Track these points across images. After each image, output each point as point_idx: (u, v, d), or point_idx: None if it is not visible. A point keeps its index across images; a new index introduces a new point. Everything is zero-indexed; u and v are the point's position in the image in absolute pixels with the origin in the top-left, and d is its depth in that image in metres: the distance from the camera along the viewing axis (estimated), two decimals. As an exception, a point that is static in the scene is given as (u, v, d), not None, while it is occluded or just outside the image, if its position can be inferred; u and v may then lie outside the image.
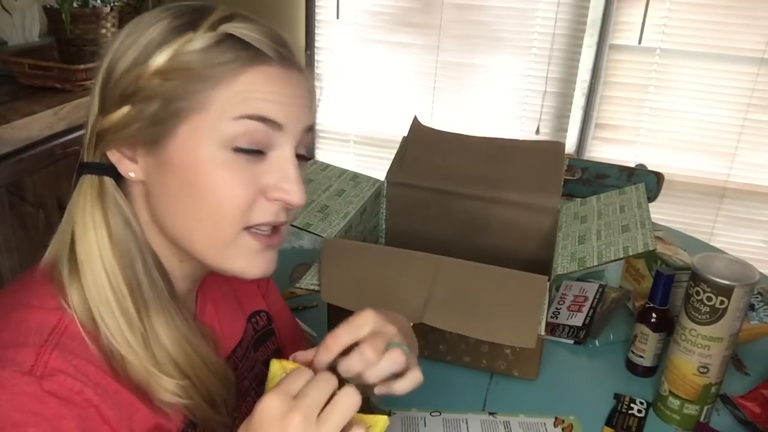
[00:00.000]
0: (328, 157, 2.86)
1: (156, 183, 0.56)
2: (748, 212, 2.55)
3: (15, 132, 1.58)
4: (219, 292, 0.72)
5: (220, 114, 0.53)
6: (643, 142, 2.57)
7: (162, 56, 0.53)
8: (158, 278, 0.58)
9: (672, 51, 2.43)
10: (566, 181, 1.23)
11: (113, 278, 0.55)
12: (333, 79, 2.86)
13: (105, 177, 0.57)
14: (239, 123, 0.54)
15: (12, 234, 1.61)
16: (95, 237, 0.55)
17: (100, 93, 0.56)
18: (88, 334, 0.53)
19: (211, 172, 0.54)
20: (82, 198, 0.56)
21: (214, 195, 0.55)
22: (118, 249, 0.56)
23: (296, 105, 0.57)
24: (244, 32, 0.54)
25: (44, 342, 0.51)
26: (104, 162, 0.57)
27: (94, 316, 0.54)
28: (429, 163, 1.14)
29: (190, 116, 0.54)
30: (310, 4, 2.73)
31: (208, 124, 0.53)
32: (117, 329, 0.54)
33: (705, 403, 0.88)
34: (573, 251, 0.92)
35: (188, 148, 0.54)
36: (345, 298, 0.88)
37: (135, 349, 0.54)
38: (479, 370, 0.99)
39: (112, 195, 0.57)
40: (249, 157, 0.55)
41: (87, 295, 0.54)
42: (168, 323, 0.57)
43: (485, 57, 2.65)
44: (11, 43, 2.04)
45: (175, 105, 0.53)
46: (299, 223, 0.96)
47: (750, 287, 0.81)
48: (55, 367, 0.50)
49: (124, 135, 0.55)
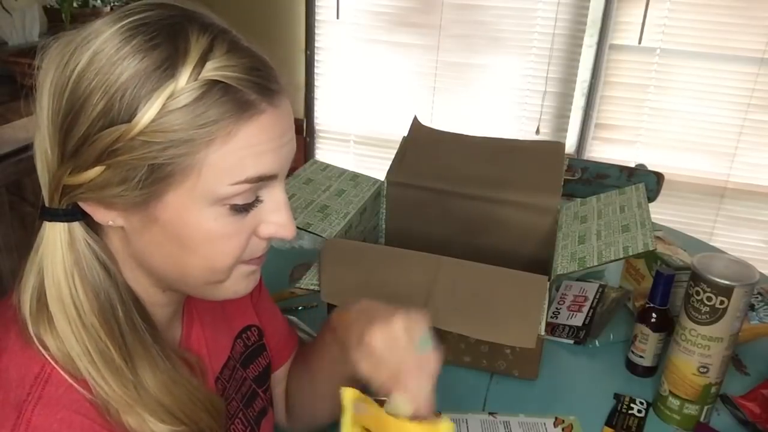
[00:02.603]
0: (328, 157, 2.86)
1: (140, 234, 0.52)
2: (748, 212, 2.55)
3: (15, 132, 1.58)
4: (207, 310, 0.69)
5: (215, 180, 0.49)
6: (643, 142, 2.58)
7: (145, 117, 0.46)
8: (139, 322, 0.55)
9: (672, 51, 2.43)
10: (566, 181, 1.23)
11: (94, 333, 0.51)
12: (333, 79, 2.86)
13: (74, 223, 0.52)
14: (236, 187, 0.50)
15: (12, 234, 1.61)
16: (69, 291, 0.51)
17: (60, 139, 0.49)
18: (73, 380, 0.50)
19: (204, 230, 0.51)
20: (51, 247, 0.51)
21: (209, 251, 0.52)
22: (97, 302, 0.52)
23: (286, 144, 0.53)
24: (228, 74, 0.48)
25: (27, 396, 0.49)
26: (71, 209, 0.51)
27: (77, 366, 0.51)
28: (429, 163, 1.14)
29: (180, 180, 0.48)
30: (310, 4, 2.73)
31: (200, 188, 0.49)
32: (104, 381, 0.51)
33: (705, 403, 0.88)
34: (573, 251, 0.92)
35: (178, 209, 0.50)
36: (345, 298, 0.88)
37: (126, 399, 0.51)
38: (479, 370, 0.99)
39: (83, 242, 0.52)
40: (243, 209, 0.52)
41: (67, 346, 0.51)
42: (152, 368, 0.54)
43: (485, 57, 2.65)
44: (11, 43, 2.04)
45: (162, 170, 0.48)
46: (299, 224, 0.95)
47: (750, 287, 0.81)
48: (38, 425, 0.48)
49: (102, 195, 0.49)
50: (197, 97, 0.47)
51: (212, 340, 0.69)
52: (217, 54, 0.48)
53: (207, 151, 0.48)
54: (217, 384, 0.68)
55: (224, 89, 0.48)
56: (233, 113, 0.48)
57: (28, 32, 2.07)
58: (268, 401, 0.77)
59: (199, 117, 0.47)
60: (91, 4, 1.89)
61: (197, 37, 0.48)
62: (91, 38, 0.48)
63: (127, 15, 0.49)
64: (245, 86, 0.48)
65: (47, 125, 0.49)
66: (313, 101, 2.91)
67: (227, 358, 0.71)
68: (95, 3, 1.91)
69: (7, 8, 1.96)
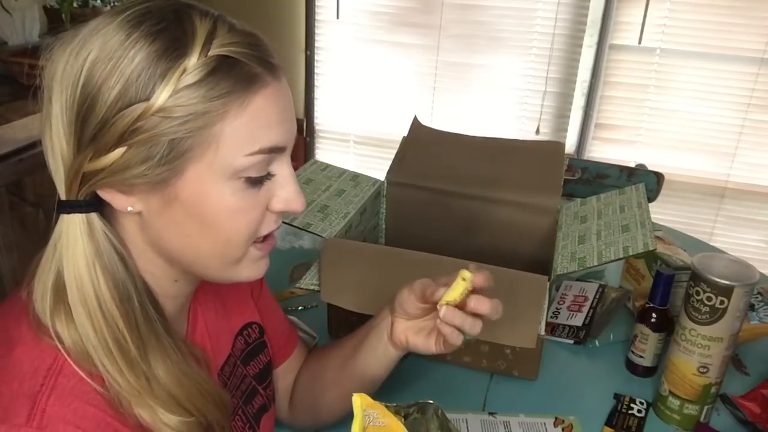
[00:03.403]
0: (328, 157, 2.86)
1: (159, 216, 0.54)
2: (748, 212, 2.55)
3: (15, 132, 1.58)
4: (210, 307, 0.71)
5: (232, 151, 0.51)
6: (643, 142, 2.58)
7: (163, 93, 0.49)
8: (153, 313, 0.56)
9: (672, 51, 2.43)
10: (566, 181, 1.23)
11: (113, 323, 0.53)
12: (333, 79, 2.86)
13: (92, 213, 0.53)
14: (250, 158, 0.52)
15: (12, 234, 1.61)
16: (91, 283, 0.52)
17: (77, 128, 0.50)
18: (86, 373, 0.52)
19: (224, 205, 0.53)
20: (71, 239, 0.52)
21: (228, 225, 0.54)
22: (117, 292, 0.53)
23: (290, 119, 0.56)
24: (234, 50, 0.51)
25: (40, 387, 0.50)
26: (89, 199, 0.53)
27: (91, 358, 0.52)
28: (429, 163, 1.14)
29: (200, 154, 0.51)
30: (310, 4, 2.73)
31: (219, 161, 0.52)
32: (119, 373, 0.52)
33: (705, 403, 0.88)
34: (573, 251, 0.92)
35: (198, 184, 0.52)
36: (345, 298, 0.88)
37: (138, 391, 0.53)
38: (479, 370, 0.99)
39: (102, 232, 0.53)
40: (257, 182, 0.55)
41: (83, 338, 0.52)
42: (164, 360, 0.55)
43: (485, 57, 2.65)
44: (11, 43, 2.04)
45: (182, 145, 0.50)
46: (299, 223, 0.95)
47: (750, 287, 0.81)
48: (53, 414, 0.49)
49: (124, 177, 0.51)
50: (209, 71, 0.50)
51: (215, 337, 0.70)
52: (220, 33, 0.51)
53: (222, 123, 0.51)
54: (219, 380, 0.69)
55: (232, 63, 0.51)
56: (243, 85, 0.51)
57: (28, 32, 2.07)
58: (268, 398, 0.78)
59: (213, 90, 0.50)
60: (91, 4, 1.89)
61: (200, 20, 0.51)
62: (99, 29, 0.50)
63: (129, 7, 0.51)
64: (250, 60, 0.52)
65: (60, 118, 0.51)
66: (313, 101, 2.91)
67: (228, 354, 0.72)
68: (95, 3, 1.91)
69: (7, 8, 1.96)
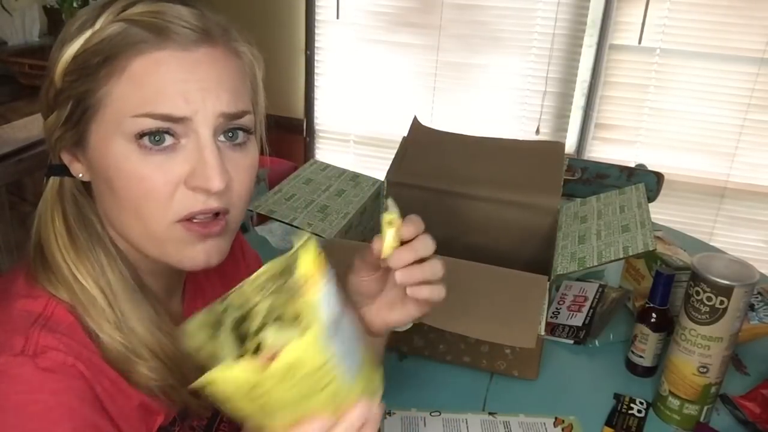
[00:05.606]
0: (328, 157, 2.86)
1: (93, 183, 0.58)
2: (748, 212, 2.54)
3: (15, 132, 1.58)
4: (208, 285, 0.72)
5: (120, 111, 0.53)
6: (643, 142, 2.57)
7: (65, 55, 0.53)
8: (124, 270, 0.58)
9: (672, 51, 2.43)
10: (566, 181, 1.23)
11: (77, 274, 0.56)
12: (333, 79, 2.86)
13: (66, 177, 0.58)
14: (140, 120, 0.52)
15: (12, 234, 1.61)
16: (54, 237, 0.57)
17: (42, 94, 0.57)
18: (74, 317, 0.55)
19: (123, 168, 0.53)
20: (44, 199, 0.58)
21: (131, 190, 0.54)
22: (76, 245, 0.57)
23: (200, 90, 0.53)
24: (137, 17, 0.52)
25: (32, 324, 0.53)
26: (62, 165, 0.58)
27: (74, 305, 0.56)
28: (429, 163, 1.14)
29: (96, 114, 0.54)
30: (310, 4, 2.73)
31: (111, 120, 0.53)
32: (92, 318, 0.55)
33: (705, 403, 0.88)
34: (573, 251, 0.92)
35: (101, 146, 0.54)
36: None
37: (111, 334, 0.55)
38: (479, 370, 0.99)
39: (70, 194, 0.58)
40: (159, 148, 0.53)
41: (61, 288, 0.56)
42: (135, 309, 0.57)
43: (485, 57, 2.65)
44: (11, 43, 2.04)
45: (83, 104, 0.54)
46: (299, 223, 0.95)
47: (750, 287, 0.81)
48: (46, 344, 0.52)
49: (59, 138, 0.56)
50: (104, 37, 0.52)
51: None
52: (138, 7, 0.53)
53: (109, 84, 0.53)
54: None
55: (131, 29, 0.52)
56: (126, 47, 0.52)
57: (28, 32, 2.08)
58: None
59: (101, 52, 0.52)
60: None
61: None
62: None
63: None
64: (143, 26, 0.52)
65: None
66: (313, 101, 2.91)
67: None
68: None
69: (7, 8, 1.96)
